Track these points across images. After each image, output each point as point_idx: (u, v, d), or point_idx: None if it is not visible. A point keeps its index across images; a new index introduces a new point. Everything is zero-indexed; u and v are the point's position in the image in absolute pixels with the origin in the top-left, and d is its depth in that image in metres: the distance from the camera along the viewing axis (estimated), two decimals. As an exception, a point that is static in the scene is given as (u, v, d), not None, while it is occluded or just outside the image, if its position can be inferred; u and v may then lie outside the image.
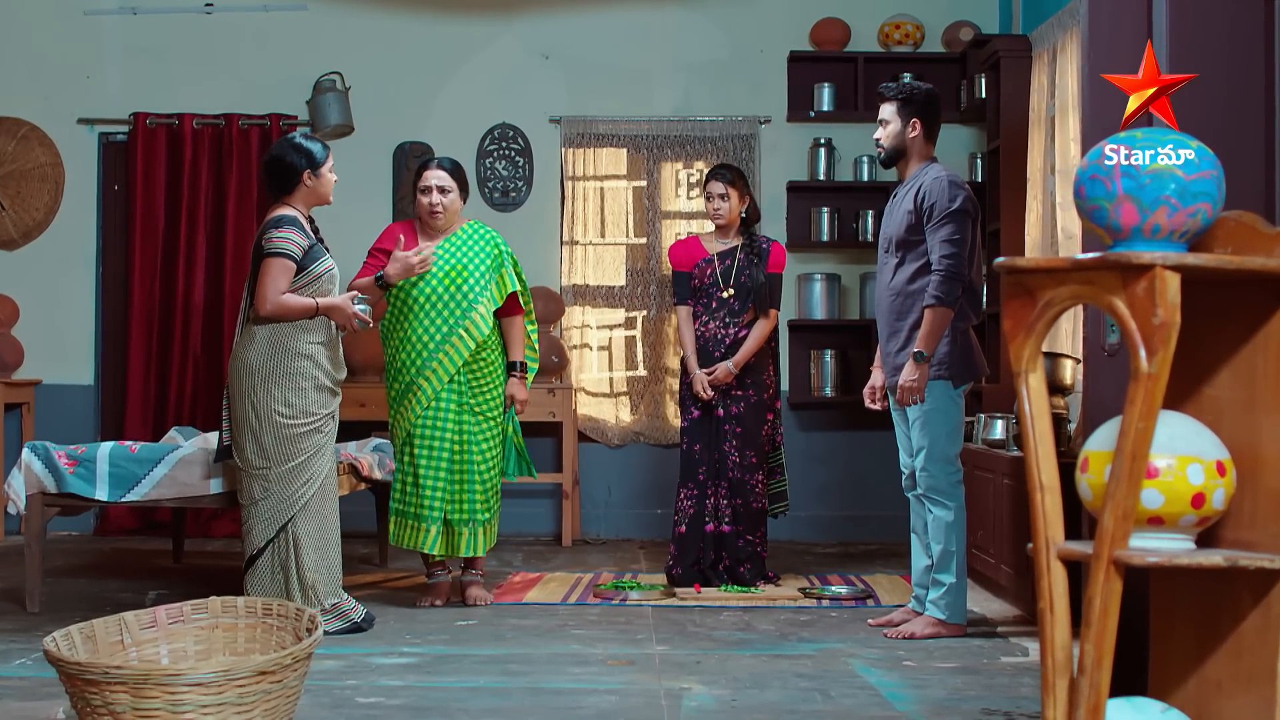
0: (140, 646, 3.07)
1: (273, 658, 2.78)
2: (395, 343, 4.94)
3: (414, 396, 4.89)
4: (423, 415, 4.90)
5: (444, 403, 4.91)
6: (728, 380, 5.35)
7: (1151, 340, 2.03)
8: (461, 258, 4.93)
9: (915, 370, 4.34)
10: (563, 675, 3.87)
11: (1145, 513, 2.14)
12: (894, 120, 4.52)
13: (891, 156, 4.56)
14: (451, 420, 4.92)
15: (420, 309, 4.88)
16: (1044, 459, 2.18)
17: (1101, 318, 2.93)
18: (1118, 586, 2.07)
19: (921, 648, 4.29)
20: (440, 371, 4.88)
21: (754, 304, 5.39)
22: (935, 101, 4.56)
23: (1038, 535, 2.17)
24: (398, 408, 4.94)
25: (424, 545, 4.90)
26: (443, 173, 4.92)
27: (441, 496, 4.91)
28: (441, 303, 4.88)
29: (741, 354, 5.36)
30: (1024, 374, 2.21)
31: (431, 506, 4.90)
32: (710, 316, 5.45)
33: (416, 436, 4.90)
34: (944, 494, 4.41)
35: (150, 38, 7.13)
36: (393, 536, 4.98)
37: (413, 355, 4.89)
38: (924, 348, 4.32)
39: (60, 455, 4.78)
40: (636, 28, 7.15)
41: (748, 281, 5.40)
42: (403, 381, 4.91)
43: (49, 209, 7.12)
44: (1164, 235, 2.14)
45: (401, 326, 4.92)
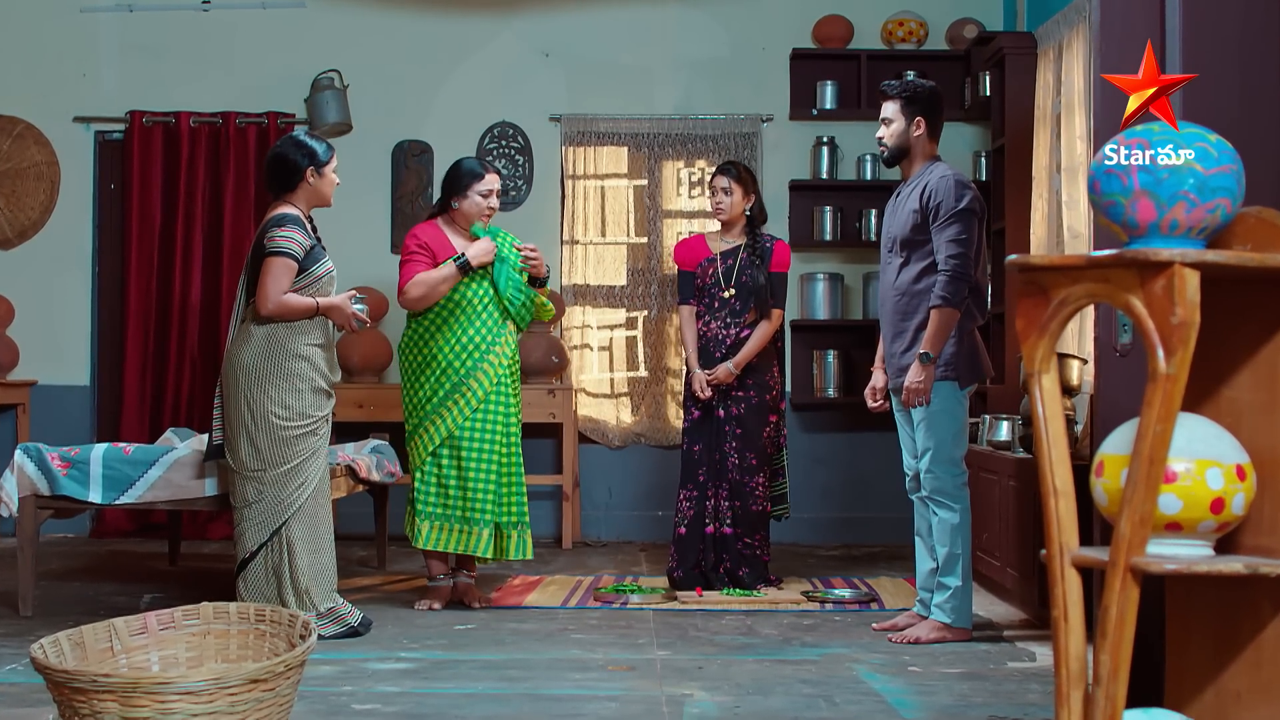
0: (130, 653, 3.00)
1: (265, 665, 2.71)
2: (440, 344, 4.87)
3: (462, 398, 4.84)
4: (471, 417, 4.85)
5: (493, 404, 4.88)
6: (728, 381, 5.28)
7: (1170, 340, 1.96)
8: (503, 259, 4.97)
9: (921, 372, 4.28)
10: (562, 681, 3.81)
11: (1163, 518, 2.07)
12: (897, 119, 4.46)
13: (895, 155, 4.50)
14: (500, 421, 4.90)
15: (472, 309, 4.87)
16: (1058, 463, 2.11)
17: (1113, 317, 2.86)
18: (1135, 595, 2.00)
19: (927, 653, 4.23)
20: (490, 372, 4.86)
21: (755, 305, 5.33)
22: (938, 99, 4.50)
23: (1051, 542, 2.11)
24: (439, 409, 4.85)
25: (476, 549, 4.85)
26: (496, 176, 4.99)
27: (493, 499, 4.87)
28: (490, 304, 4.90)
29: (742, 354, 5.29)
30: (1037, 375, 2.15)
31: (484, 509, 4.85)
32: (712, 316, 5.39)
33: (465, 439, 4.84)
34: (949, 496, 4.35)
35: (147, 35, 7.07)
36: (427, 540, 4.87)
37: (463, 356, 4.85)
38: (930, 349, 4.27)
39: (53, 457, 4.72)
40: (637, 25, 7.09)
41: (749, 281, 5.34)
42: (449, 382, 4.84)
43: (44, 208, 7.06)
44: (1182, 232, 2.07)
45: (450, 327, 4.86)
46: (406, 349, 4.97)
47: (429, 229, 4.95)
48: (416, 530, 4.88)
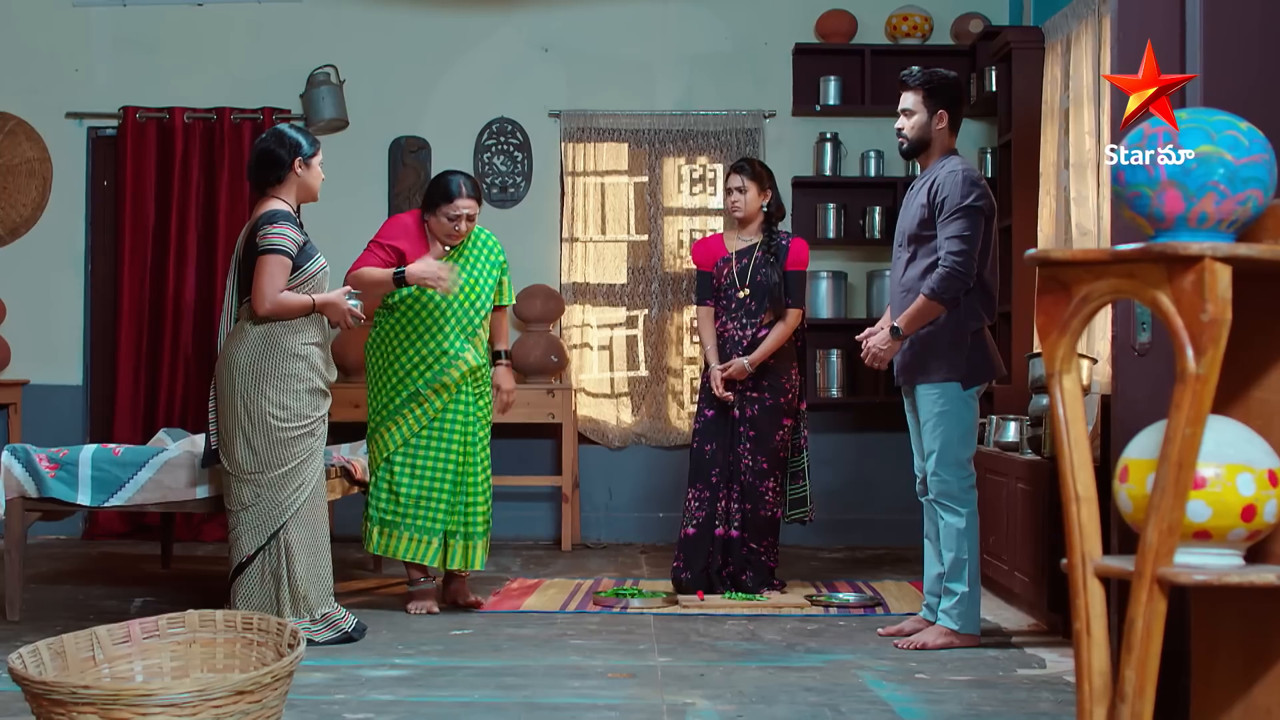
0: (113, 663, 2.90)
1: (251, 676, 2.62)
2: (397, 350, 4.77)
3: (419, 408, 4.75)
4: (429, 425, 4.76)
5: (450, 414, 4.78)
6: (741, 376, 5.17)
7: (1199, 339, 1.86)
8: (475, 271, 4.85)
9: (887, 341, 4.29)
10: (561, 689, 3.71)
11: (1191, 526, 1.97)
12: (919, 110, 4.33)
13: (915, 148, 4.37)
14: (458, 432, 4.80)
15: (434, 320, 4.75)
16: (1080, 467, 2.01)
17: (1131, 315, 2.76)
18: (1162, 607, 1.90)
19: (934, 659, 4.13)
20: (450, 385, 4.76)
21: (769, 305, 5.22)
22: (962, 91, 4.39)
23: (1073, 551, 2.01)
24: (394, 416, 4.77)
25: (425, 558, 4.78)
26: (472, 201, 4.75)
27: (445, 509, 4.78)
28: (456, 316, 4.78)
29: (759, 352, 5.18)
30: (1058, 375, 2.04)
31: (434, 519, 4.77)
32: (729, 317, 5.28)
33: (420, 447, 4.77)
34: (955, 499, 4.24)
35: (140, 29, 6.97)
36: (377, 545, 4.81)
37: (421, 367, 4.74)
38: (903, 326, 4.25)
39: (41, 458, 4.63)
40: (638, 19, 6.99)
41: (764, 281, 5.23)
42: (406, 391, 4.75)
43: (36, 205, 6.96)
44: (1211, 224, 1.97)
45: (409, 335, 4.75)
46: (372, 347, 4.87)
47: (409, 225, 4.83)
48: (368, 535, 4.83)
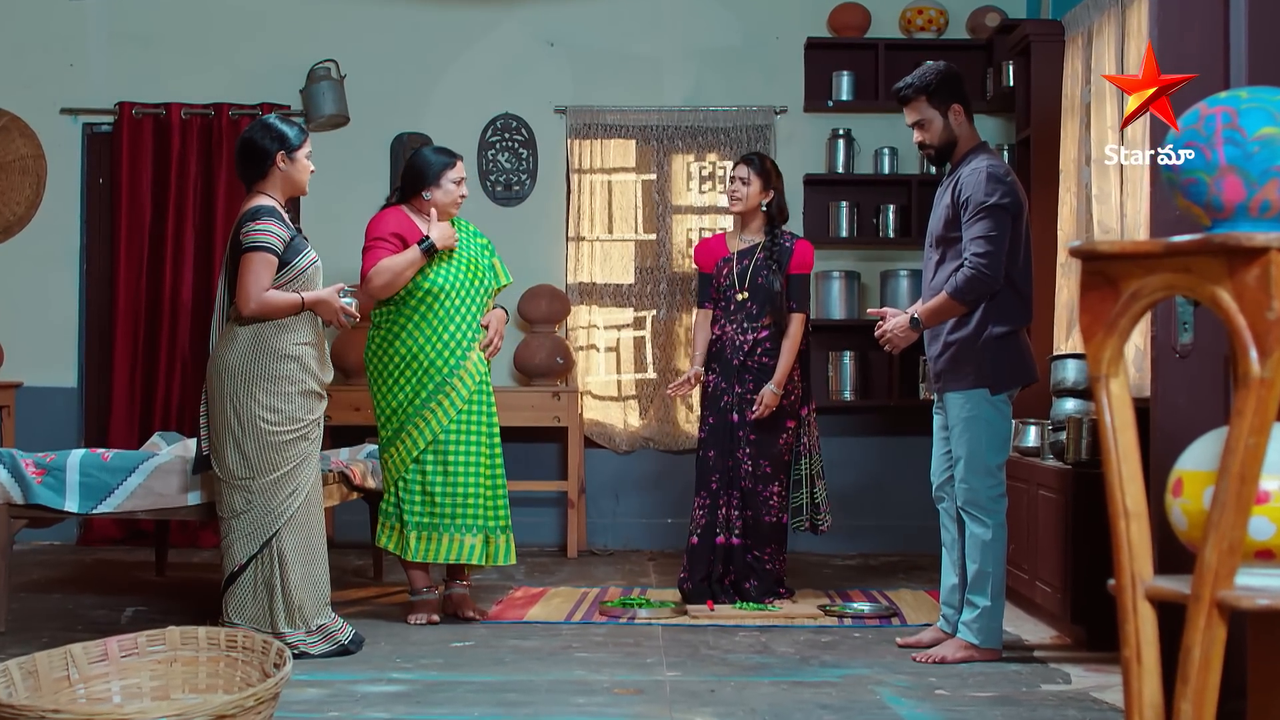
0: (89, 683, 2.74)
1: (233, 698, 2.46)
2: (419, 341, 4.58)
3: (447, 399, 4.58)
4: (456, 419, 4.59)
5: (477, 404, 4.63)
6: (775, 405, 5.00)
7: (1265, 339, 1.69)
8: (469, 250, 4.72)
9: (905, 329, 4.15)
10: (565, 707, 3.54)
11: (1253, 545, 1.80)
12: (933, 116, 4.17)
13: (943, 153, 4.22)
14: (484, 422, 4.66)
15: (449, 300, 4.59)
16: (1129, 480, 1.84)
17: (1173, 314, 2.59)
18: (1221, 634, 1.73)
19: (955, 674, 3.96)
20: (473, 370, 4.61)
21: (769, 310, 5.05)
22: (958, 75, 4.24)
23: (1122, 571, 1.83)
24: (421, 412, 4.58)
25: (470, 557, 4.62)
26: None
27: (483, 504, 4.63)
28: (468, 294, 4.64)
29: (780, 372, 5.01)
30: (1104, 379, 1.87)
31: (476, 516, 4.62)
32: (728, 320, 5.12)
33: (451, 442, 4.59)
34: (982, 509, 4.07)
35: (136, 24, 6.83)
36: (416, 552, 4.61)
37: (445, 354, 4.58)
38: (923, 318, 4.12)
39: (28, 464, 4.47)
40: (646, 13, 6.83)
41: (764, 284, 5.07)
42: (432, 383, 4.57)
43: (30, 203, 6.83)
44: (1275, 213, 1.80)
45: (429, 322, 4.58)
46: (378, 350, 4.66)
47: (397, 216, 4.67)
48: (404, 542, 4.63)
